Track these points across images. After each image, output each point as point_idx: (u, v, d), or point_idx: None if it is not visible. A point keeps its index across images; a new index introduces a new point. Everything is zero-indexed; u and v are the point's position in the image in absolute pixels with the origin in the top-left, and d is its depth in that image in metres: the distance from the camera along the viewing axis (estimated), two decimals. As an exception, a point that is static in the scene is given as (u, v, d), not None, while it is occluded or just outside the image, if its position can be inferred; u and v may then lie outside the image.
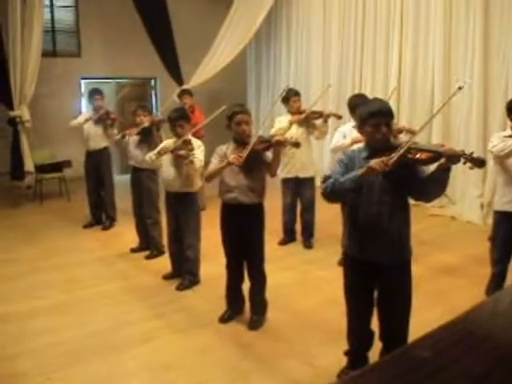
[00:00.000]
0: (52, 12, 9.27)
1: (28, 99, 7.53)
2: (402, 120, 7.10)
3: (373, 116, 2.65)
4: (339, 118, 5.28)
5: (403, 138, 4.28)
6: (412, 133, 4.25)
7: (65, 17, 9.54)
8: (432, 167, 2.60)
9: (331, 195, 2.75)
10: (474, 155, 2.50)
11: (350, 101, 4.56)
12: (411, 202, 2.79)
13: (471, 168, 2.55)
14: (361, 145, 2.93)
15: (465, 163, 2.50)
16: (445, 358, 0.95)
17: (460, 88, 2.76)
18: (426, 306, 3.60)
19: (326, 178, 2.77)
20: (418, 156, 2.55)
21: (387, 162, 2.50)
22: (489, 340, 1.09)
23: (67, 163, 8.05)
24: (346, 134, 4.57)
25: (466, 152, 2.51)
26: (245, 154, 3.32)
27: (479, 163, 2.50)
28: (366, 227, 2.72)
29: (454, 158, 2.47)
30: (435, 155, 2.52)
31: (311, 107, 5.30)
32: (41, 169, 7.84)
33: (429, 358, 0.95)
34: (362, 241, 2.76)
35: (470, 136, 6.39)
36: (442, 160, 2.51)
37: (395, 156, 2.50)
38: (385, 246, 2.70)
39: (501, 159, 3.62)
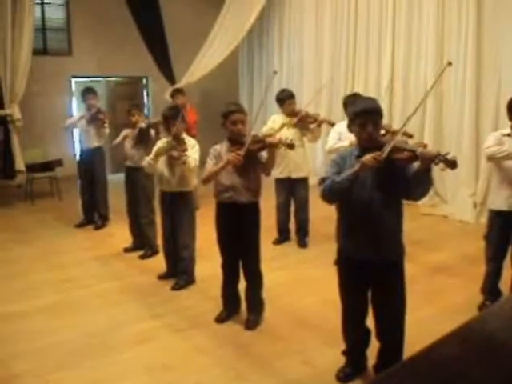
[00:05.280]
0: (43, 10, 9.21)
1: (19, 98, 7.47)
2: (394, 119, 7.13)
3: (359, 115, 2.68)
4: (332, 125, 5.29)
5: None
6: (393, 133, 4.26)
7: (55, 15, 9.48)
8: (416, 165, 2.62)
9: (331, 196, 2.76)
10: (448, 156, 2.48)
11: (344, 100, 4.62)
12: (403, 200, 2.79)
13: (443, 169, 2.54)
14: None
15: (437, 164, 2.48)
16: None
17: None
18: (419, 305, 3.59)
19: (322, 181, 2.78)
20: (398, 156, 2.58)
21: (378, 157, 2.52)
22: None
23: (58, 162, 8.01)
24: (341, 133, 4.55)
25: (441, 153, 2.49)
26: (243, 152, 3.31)
27: (451, 165, 2.49)
28: (358, 225, 2.73)
29: (427, 158, 2.47)
30: (412, 155, 2.54)
31: (306, 107, 5.27)
32: (32, 168, 7.77)
33: (456, 357, 0.94)
34: (354, 239, 2.77)
35: (463, 134, 6.43)
36: (418, 161, 2.53)
37: (385, 151, 2.52)
38: (377, 244, 2.71)
39: (495, 160, 3.63)
